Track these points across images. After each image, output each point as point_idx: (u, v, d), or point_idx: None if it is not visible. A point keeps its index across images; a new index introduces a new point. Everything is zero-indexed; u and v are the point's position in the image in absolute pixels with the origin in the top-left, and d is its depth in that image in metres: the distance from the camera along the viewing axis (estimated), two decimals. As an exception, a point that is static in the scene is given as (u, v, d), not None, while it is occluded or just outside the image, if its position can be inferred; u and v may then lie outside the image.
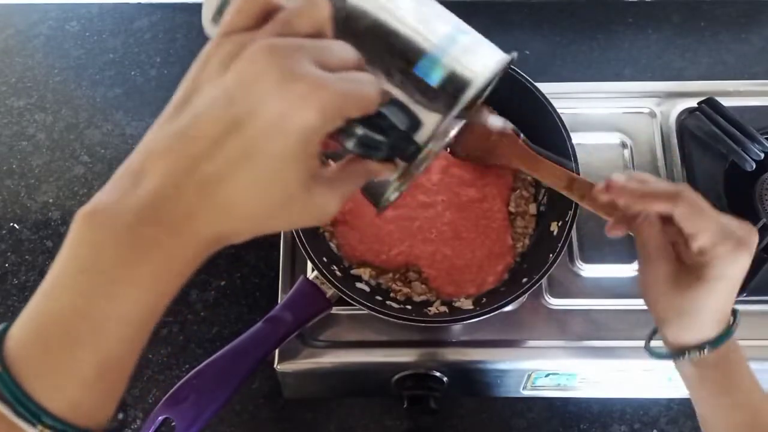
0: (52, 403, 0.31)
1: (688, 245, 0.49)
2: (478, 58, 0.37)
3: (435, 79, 0.36)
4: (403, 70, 0.36)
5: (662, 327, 0.53)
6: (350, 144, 0.35)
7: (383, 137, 0.35)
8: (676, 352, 0.52)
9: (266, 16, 0.33)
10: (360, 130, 0.34)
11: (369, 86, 0.33)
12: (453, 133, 0.52)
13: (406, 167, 0.37)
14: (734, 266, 0.48)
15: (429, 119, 0.36)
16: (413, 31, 0.37)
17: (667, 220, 0.50)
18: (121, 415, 0.35)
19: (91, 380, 0.31)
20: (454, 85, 0.36)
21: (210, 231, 0.32)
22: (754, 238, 0.48)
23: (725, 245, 0.47)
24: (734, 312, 0.51)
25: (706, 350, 0.50)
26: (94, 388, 0.32)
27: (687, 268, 0.50)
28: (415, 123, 0.36)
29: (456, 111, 0.36)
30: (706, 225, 0.48)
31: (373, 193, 0.43)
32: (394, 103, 0.36)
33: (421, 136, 0.36)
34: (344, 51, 0.33)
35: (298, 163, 0.32)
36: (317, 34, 0.33)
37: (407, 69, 0.36)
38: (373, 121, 0.34)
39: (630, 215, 0.52)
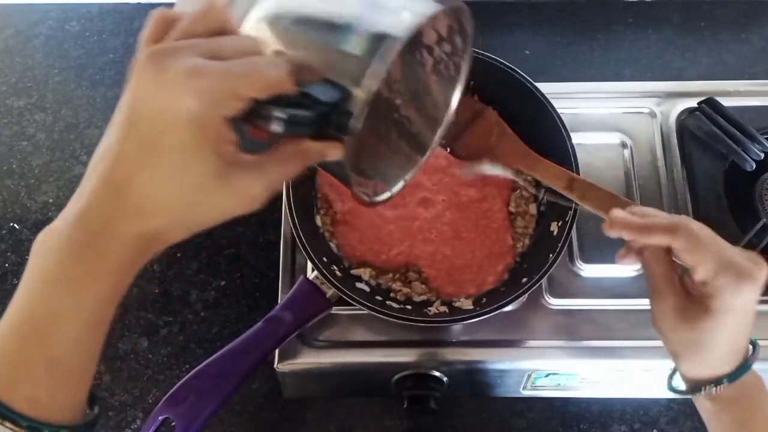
0: (12, 400, 0.34)
1: (692, 277, 0.48)
2: (403, 16, 0.38)
3: (357, 47, 0.37)
4: (328, 47, 0.37)
5: (677, 361, 0.51)
6: (273, 126, 0.35)
7: (306, 112, 0.35)
8: (693, 387, 0.50)
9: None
10: (278, 112, 0.34)
11: (268, 66, 0.34)
12: (455, 100, 0.51)
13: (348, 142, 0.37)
14: (738, 297, 0.46)
15: (358, 89, 0.36)
16: (332, 9, 0.38)
17: (671, 252, 0.49)
18: (96, 409, 0.39)
19: (40, 377, 0.34)
20: (378, 47, 0.36)
21: (133, 230, 0.35)
22: (760, 271, 0.46)
23: (726, 276, 0.46)
24: (753, 343, 0.50)
25: (723, 385, 0.49)
26: (46, 385, 0.35)
27: (694, 300, 0.48)
28: (345, 94, 0.36)
29: (381, 72, 0.36)
30: (705, 257, 0.46)
31: (342, 175, 0.43)
32: (320, 80, 0.36)
33: (354, 105, 0.36)
34: (243, 42, 0.35)
35: (201, 152, 0.33)
36: (218, 34, 0.35)
37: (331, 45, 0.37)
38: (294, 100, 0.35)
39: (638, 247, 0.51)
